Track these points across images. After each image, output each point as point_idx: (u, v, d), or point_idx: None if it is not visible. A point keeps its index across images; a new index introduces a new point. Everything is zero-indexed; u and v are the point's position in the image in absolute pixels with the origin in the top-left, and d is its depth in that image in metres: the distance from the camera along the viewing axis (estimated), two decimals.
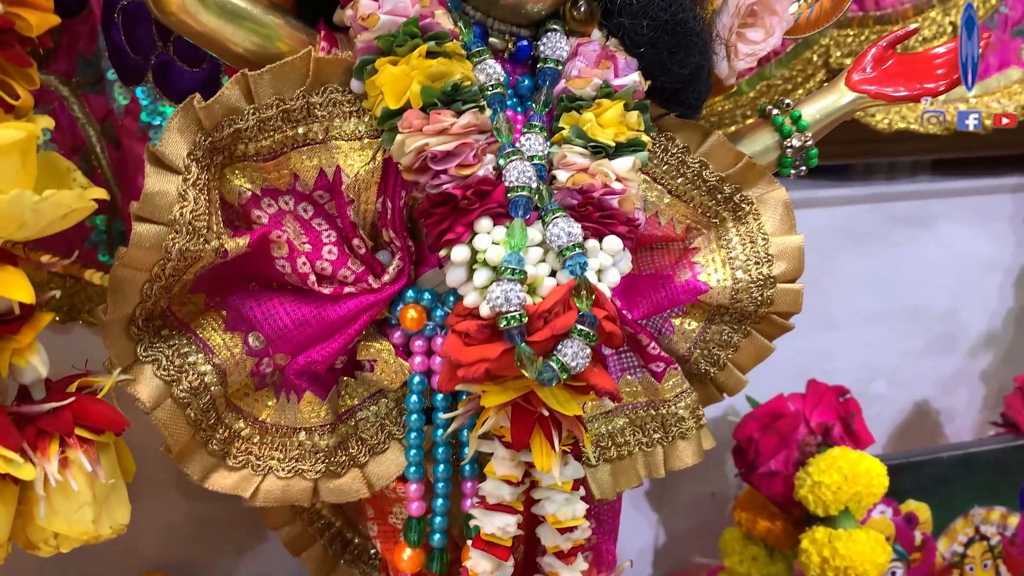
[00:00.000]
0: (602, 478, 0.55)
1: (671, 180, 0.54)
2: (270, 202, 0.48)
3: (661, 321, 0.58)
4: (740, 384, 0.60)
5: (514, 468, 0.48)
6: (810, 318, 1.09)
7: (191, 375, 0.47)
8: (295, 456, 0.50)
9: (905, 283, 1.08)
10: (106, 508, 0.44)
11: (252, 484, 0.50)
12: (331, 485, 0.51)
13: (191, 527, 0.83)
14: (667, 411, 0.57)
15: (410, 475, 0.52)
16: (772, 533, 0.86)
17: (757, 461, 0.80)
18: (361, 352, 0.51)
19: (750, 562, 0.88)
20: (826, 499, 0.75)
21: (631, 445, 0.56)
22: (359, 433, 0.52)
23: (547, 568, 0.50)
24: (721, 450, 1.07)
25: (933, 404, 1.15)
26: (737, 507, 0.89)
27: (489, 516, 0.48)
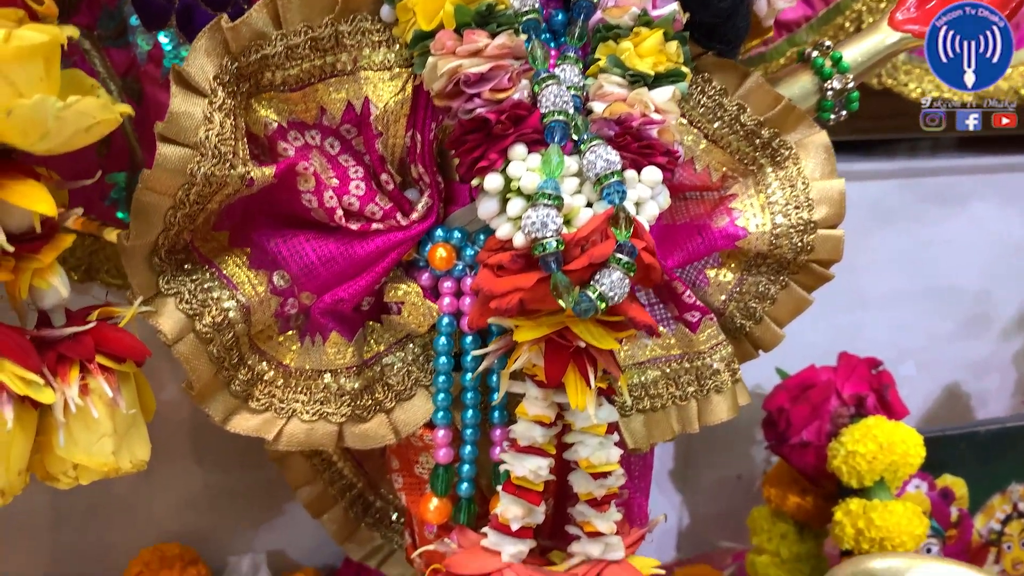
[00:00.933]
0: (635, 427, 0.53)
1: (708, 124, 0.53)
2: (296, 135, 0.47)
3: (695, 273, 0.56)
4: (776, 339, 0.58)
5: (546, 408, 0.46)
6: (838, 297, 1.07)
7: (214, 310, 0.45)
8: (320, 399, 0.48)
9: (936, 263, 1.06)
10: (126, 442, 0.42)
11: (275, 427, 0.48)
12: (356, 430, 0.49)
13: (207, 497, 0.82)
14: (702, 363, 0.55)
15: (437, 420, 0.50)
16: (802, 509, 0.83)
17: (788, 432, 0.78)
18: (388, 294, 0.49)
19: (779, 540, 0.85)
20: (860, 469, 0.73)
21: (664, 398, 0.54)
22: (385, 379, 0.50)
23: (579, 517, 0.48)
24: (746, 431, 1.05)
25: (963, 388, 1.13)
26: (766, 483, 0.87)
27: (520, 459, 0.46)
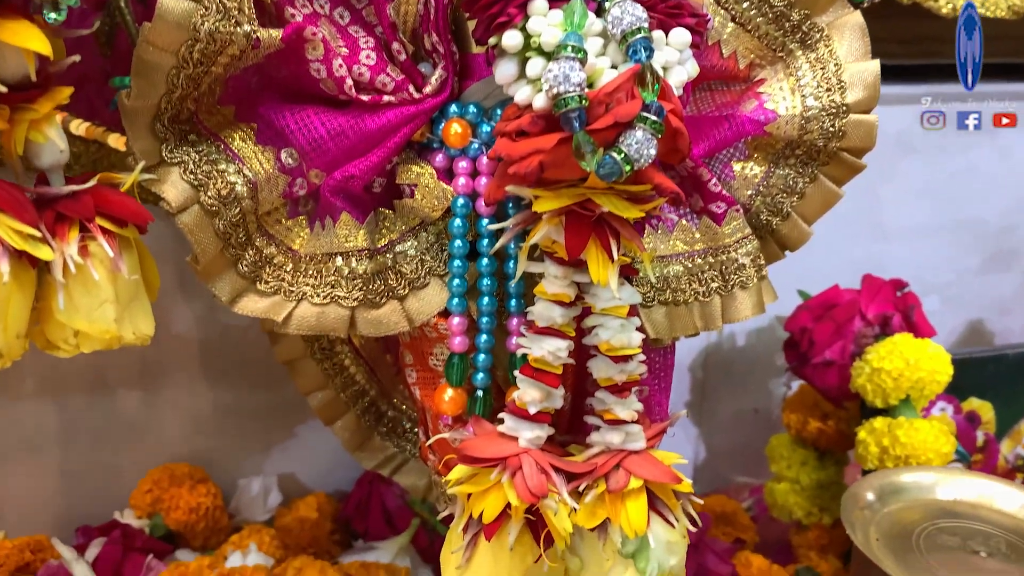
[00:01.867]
0: (657, 319, 0.51)
1: (735, 4, 0.50)
2: (304, 2, 0.45)
3: (721, 166, 0.54)
4: (804, 236, 0.56)
5: (566, 287, 0.44)
6: (862, 227, 1.05)
7: (219, 182, 0.43)
8: (331, 282, 0.47)
9: (962, 195, 1.03)
10: (129, 312, 0.40)
11: (285, 309, 0.46)
12: (369, 316, 0.47)
13: (216, 418, 0.81)
14: (726, 257, 0.53)
15: (452, 307, 0.48)
16: (824, 435, 0.82)
17: (810, 352, 0.76)
18: (401, 175, 0.47)
19: (799, 467, 0.84)
20: (886, 387, 0.71)
21: (687, 294, 0.52)
22: (398, 267, 0.48)
23: (598, 406, 0.46)
24: (764, 364, 1.03)
25: (988, 325, 1.10)
26: (786, 409, 0.85)
27: (538, 340, 0.44)
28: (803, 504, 0.83)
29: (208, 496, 0.74)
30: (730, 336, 0.99)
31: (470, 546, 0.45)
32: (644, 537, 0.45)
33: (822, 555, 0.82)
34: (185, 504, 0.73)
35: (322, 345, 0.61)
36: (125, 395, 0.77)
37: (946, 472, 0.64)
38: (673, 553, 0.46)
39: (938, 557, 0.56)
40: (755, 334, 1.00)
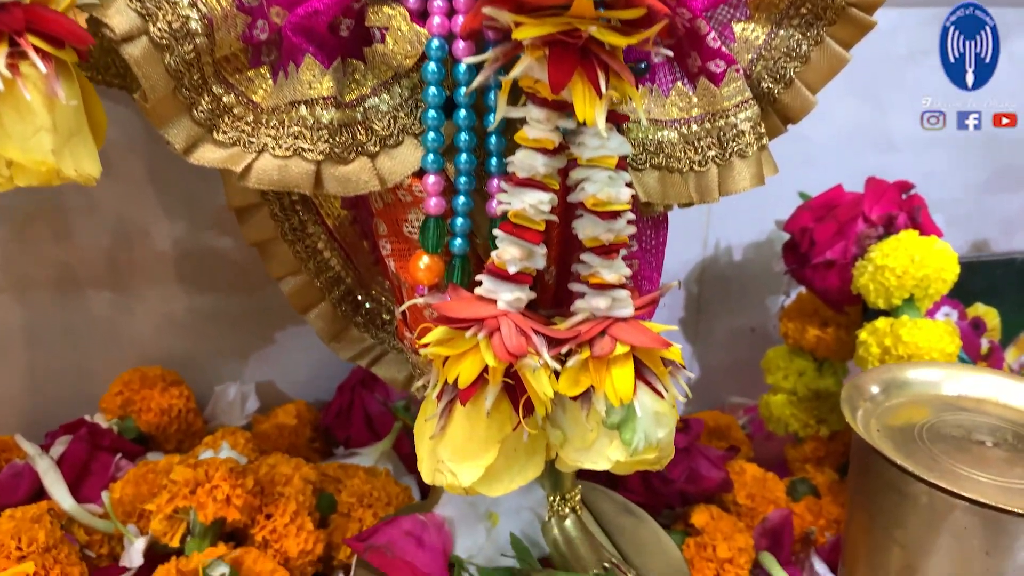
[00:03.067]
0: (649, 182, 0.47)
1: None
2: None
3: (721, 27, 0.50)
4: (807, 106, 0.52)
5: (549, 132, 0.40)
6: (866, 137, 1.01)
7: (171, 15, 0.39)
8: (294, 133, 0.43)
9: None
10: (70, 147, 0.37)
11: (244, 160, 0.43)
12: (336, 172, 0.44)
13: (192, 322, 0.78)
14: (724, 123, 0.50)
15: (427, 164, 0.44)
16: (822, 343, 0.79)
17: (811, 253, 0.73)
18: (371, 16, 0.43)
19: (796, 378, 0.81)
20: (889, 285, 0.68)
21: (681, 162, 0.49)
22: (369, 122, 0.44)
23: (584, 270, 0.43)
24: (761, 279, 1.00)
25: (992, 246, 1.07)
26: (783, 318, 0.82)
27: (518, 192, 0.41)
28: (800, 416, 0.81)
29: (181, 398, 0.72)
30: (727, 250, 0.96)
31: (445, 413, 0.43)
32: (630, 406, 0.42)
33: (818, 467, 0.79)
34: (156, 406, 0.70)
35: (293, 225, 0.57)
36: (95, 295, 0.74)
37: (952, 368, 0.61)
38: (661, 425, 0.43)
39: (941, 447, 0.53)
40: (753, 248, 0.96)
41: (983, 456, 0.52)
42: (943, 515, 0.49)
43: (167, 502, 0.55)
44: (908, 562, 0.51)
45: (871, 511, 0.54)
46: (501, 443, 0.43)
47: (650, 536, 0.60)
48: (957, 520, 0.48)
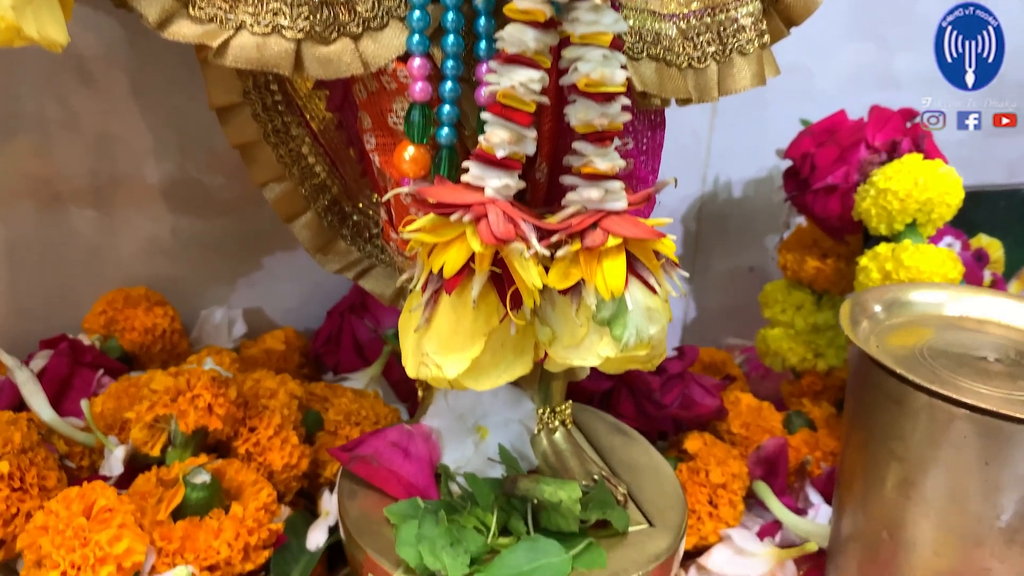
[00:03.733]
0: (645, 72, 0.45)
1: None
2: None
3: None
4: (810, 6, 0.50)
5: (540, 3, 0.38)
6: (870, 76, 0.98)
7: None
8: (273, 10, 0.41)
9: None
10: (32, 8, 0.35)
11: (221, 36, 0.41)
12: (318, 52, 0.42)
13: (177, 245, 0.76)
14: (724, 17, 0.48)
15: (412, 46, 0.42)
16: (821, 274, 0.77)
17: (812, 178, 0.71)
18: None
19: (794, 311, 0.79)
20: (891, 209, 0.66)
21: (680, 57, 0.47)
22: (352, 3, 0.42)
23: (576, 162, 0.41)
24: (761, 218, 0.98)
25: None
26: (782, 249, 0.80)
27: (508, 70, 0.39)
28: (797, 349, 0.79)
29: (165, 318, 0.70)
30: (726, 185, 0.94)
31: (430, 304, 0.41)
32: (621, 300, 0.41)
33: (815, 402, 0.78)
34: (140, 324, 0.69)
35: (276, 127, 0.55)
36: (77, 214, 0.72)
37: (955, 289, 0.60)
38: (654, 321, 0.42)
39: (942, 362, 0.51)
40: (752, 185, 0.95)
41: (985, 371, 0.51)
42: (942, 425, 0.47)
43: (147, 410, 0.54)
44: (905, 476, 0.50)
45: (869, 427, 0.52)
46: (488, 336, 0.41)
47: (642, 455, 0.58)
48: (956, 430, 0.47)
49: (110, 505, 0.46)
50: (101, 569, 0.44)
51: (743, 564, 0.61)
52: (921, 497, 0.50)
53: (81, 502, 0.46)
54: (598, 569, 0.47)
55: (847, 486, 0.56)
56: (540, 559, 0.46)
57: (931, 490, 0.49)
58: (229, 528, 0.50)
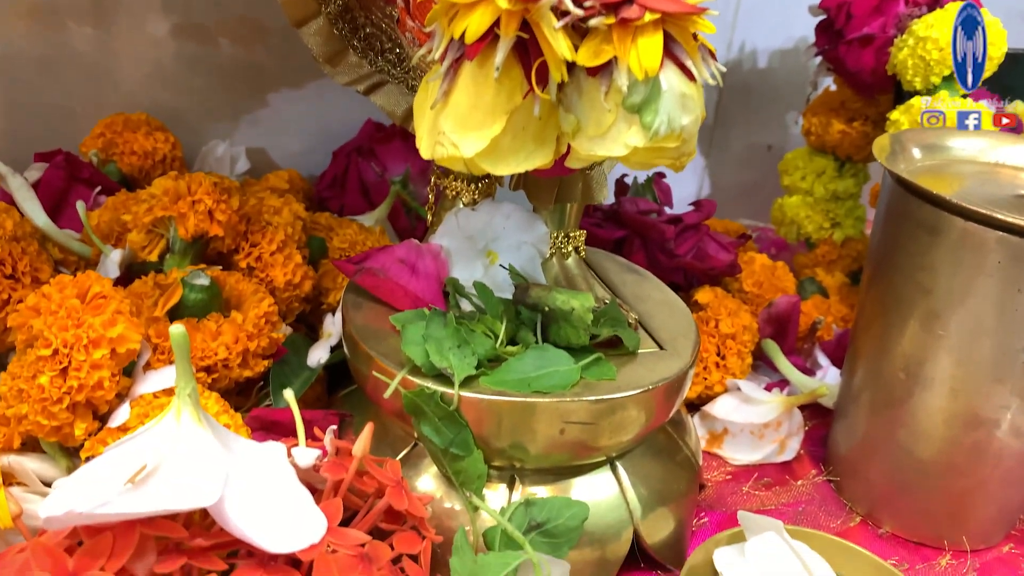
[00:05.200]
0: None
1: None
2: None
3: None
4: None
5: None
6: None
7: None
8: None
9: None
10: None
11: None
12: None
13: (180, 73, 0.73)
14: None
15: None
16: (847, 139, 0.74)
17: (847, 28, 0.68)
18: None
19: (814, 178, 0.77)
20: (930, 60, 0.63)
21: None
22: None
23: None
24: (785, 93, 0.95)
25: None
26: (807, 113, 0.78)
27: None
28: (814, 218, 0.77)
29: (166, 144, 0.67)
30: (751, 54, 0.90)
31: (449, 75, 0.38)
32: (655, 82, 0.38)
33: (828, 271, 0.76)
34: (140, 148, 0.66)
35: None
36: (76, 30, 0.68)
37: (993, 136, 0.57)
38: (687, 110, 0.39)
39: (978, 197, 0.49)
40: (779, 56, 0.91)
41: (1021, 207, 0.48)
42: (976, 252, 0.45)
43: (145, 212, 0.52)
44: (931, 308, 0.48)
45: (895, 262, 0.50)
46: (509, 116, 0.39)
47: (654, 290, 0.57)
48: (990, 256, 0.45)
49: (105, 292, 0.44)
50: (95, 351, 0.42)
51: (749, 411, 0.60)
52: (946, 331, 0.48)
53: (75, 287, 0.44)
54: (607, 380, 0.45)
55: (865, 329, 0.54)
56: (548, 367, 0.45)
57: (957, 323, 0.48)
58: (228, 332, 0.49)
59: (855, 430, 0.57)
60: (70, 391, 0.42)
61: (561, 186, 0.52)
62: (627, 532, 0.48)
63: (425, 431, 0.44)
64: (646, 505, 0.49)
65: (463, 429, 0.44)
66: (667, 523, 0.50)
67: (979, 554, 0.55)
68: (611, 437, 0.46)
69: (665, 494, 0.50)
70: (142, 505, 0.32)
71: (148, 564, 0.34)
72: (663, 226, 0.65)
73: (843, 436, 0.59)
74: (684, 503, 0.52)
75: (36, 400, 0.41)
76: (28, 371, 0.42)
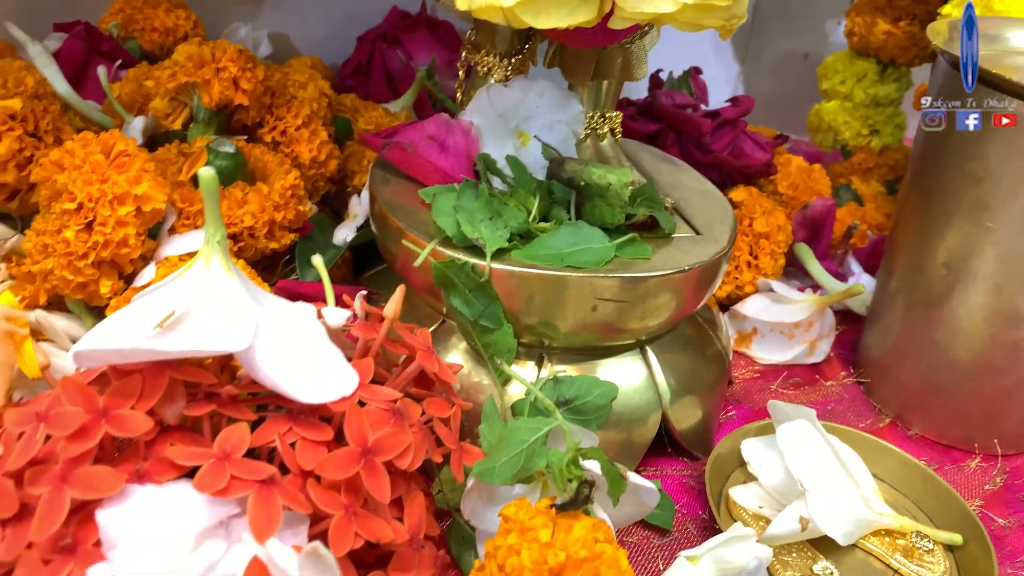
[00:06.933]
0: None
1: None
2: None
3: None
4: None
5: None
6: None
7: None
8: None
9: None
10: None
11: None
12: None
13: None
14: None
15: None
16: (892, 39, 0.71)
17: None
18: None
19: (854, 82, 0.74)
20: None
21: None
22: None
23: None
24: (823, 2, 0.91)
25: None
26: (850, 12, 0.74)
27: None
28: (852, 124, 0.75)
29: (187, 22, 0.65)
30: None
31: None
32: None
33: (864, 179, 0.74)
34: (160, 24, 0.64)
35: None
36: None
37: None
38: None
39: None
40: None
41: None
42: None
43: (169, 78, 0.50)
44: (981, 198, 0.47)
45: (943, 153, 0.49)
46: None
47: (690, 180, 0.55)
48: None
49: (129, 151, 0.43)
50: (120, 208, 0.41)
51: (780, 310, 0.59)
52: (994, 222, 0.46)
53: (99, 144, 0.43)
54: (641, 259, 0.44)
55: (905, 228, 0.53)
56: (582, 243, 0.44)
57: (1007, 214, 0.46)
58: (254, 200, 0.47)
59: (889, 332, 0.56)
60: (95, 246, 0.41)
61: (599, 61, 0.50)
62: (654, 416, 0.48)
63: (455, 303, 0.43)
64: (675, 392, 0.48)
65: (494, 301, 0.43)
66: (695, 412, 0.50)
67: (1009, 459, 0.54)
68: (641, 319, 0.45)
69: (694, 384, 0.50)
70: (172, 345, 0.31)
71: (177, 409, 0.33)
72: (700, 120, 0.63)
73: (875, 339, 0.58)
74: (713, 394, 0.51)
75: (61, 255, 0.40)
76: (53, 226, 0.41)
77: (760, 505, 0.46)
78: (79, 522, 0.31)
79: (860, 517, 0.44)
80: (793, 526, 0.42)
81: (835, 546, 0.43)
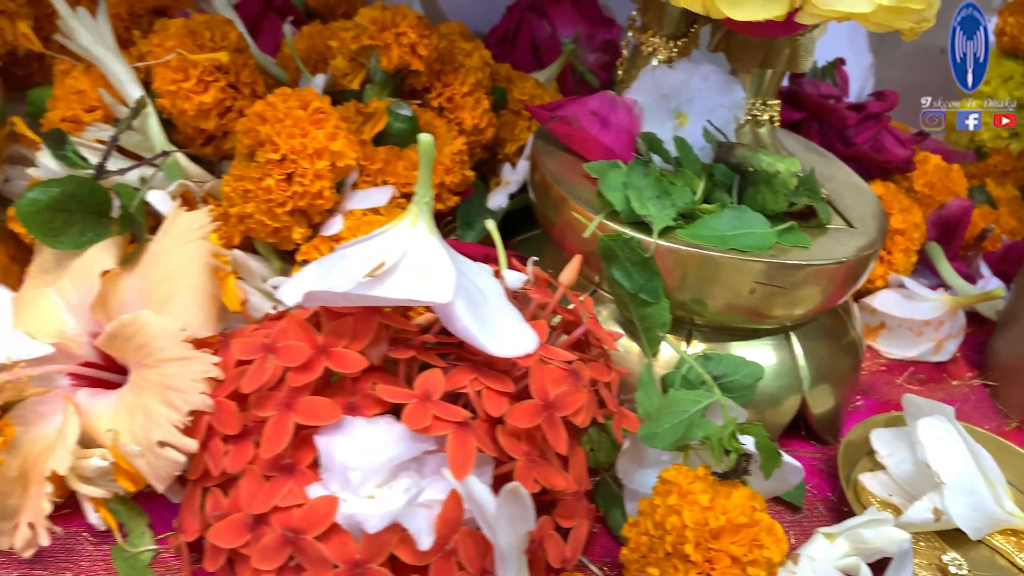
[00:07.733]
0: None
1: None
2: None
3: None
4: None
5: None
6: None
7: None
8: None
9: None
10: None
11: None
12: None
13: None
14: None
15: None
16: None
17: None
18: None
19: (999, 83, 0.73)
20: None
21: None
22: None
23: None
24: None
25: None
26: (1003, 12, 0.73)
27: None
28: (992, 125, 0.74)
29: None
30: None
31: None
32: None
33: (999, 182, 0.74)
34: None
35: None
36: None
37: None
38: None
39: None
40: None
41: None
42: None
43: (352, 39, 0.53)
44: None
45: None
46: None
47: (840, 172, 0.56)
48: None
49: (324, 108, 0.46)
50: (318, 161, 0.44)
51: (911, 307, 0.60)
52: None
53: (297, 99, 0.46)
54: (800, 248, 0.46)
55: None
56: (745, 227, 0.45)
57: None
58: None
59: (1022, 338, 0.56)
60: (293, 196, 0.44)
61: (769, 50, 0.51)
62: (791, 400, 0.49)
63: (616, 275, 0.45)
64: (814, 378, 0.50)
65: (655, 276, 0.45)
66: (829, 398, 0.51)
67: None
68: (788, 307, 0.47)
69: (830, 371, 0.51)
70: (386, 292, 0.34)
71: (380, 352, 0.37)
72: (845, 112, 0.63)
73: (1006, 343, 0.58)
74: (846, 383, 0.53)
75: (262, 201, 0.44)
76: (255, 172, 0.44)
77: (889, 493, 0.48)
78: (295, 444, 0.34)
79: (992, 514, 0.45)
80: (927, 516, 0.44)
81: (962, 539, 0.45)
